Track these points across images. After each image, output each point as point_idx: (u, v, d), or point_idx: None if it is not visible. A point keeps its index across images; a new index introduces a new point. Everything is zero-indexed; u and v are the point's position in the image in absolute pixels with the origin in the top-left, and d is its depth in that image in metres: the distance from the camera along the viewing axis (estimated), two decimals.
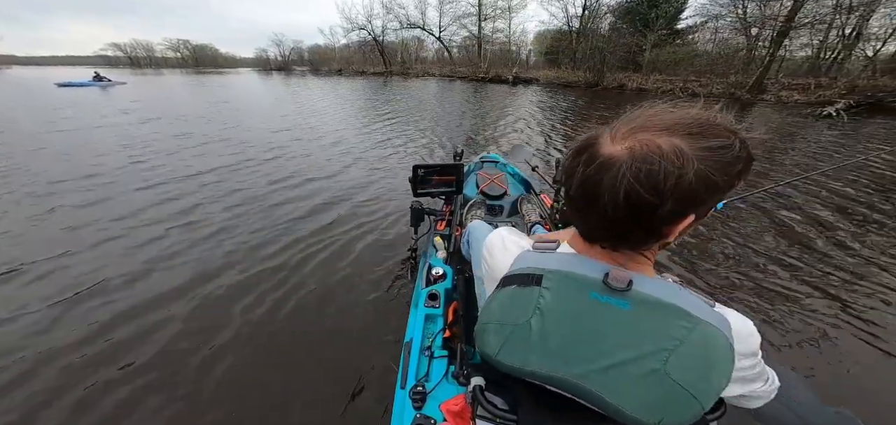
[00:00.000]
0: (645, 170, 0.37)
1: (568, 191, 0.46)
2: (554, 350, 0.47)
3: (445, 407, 0.80)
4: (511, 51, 23.91)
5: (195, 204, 2.89)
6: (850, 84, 9.92)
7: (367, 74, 25.35)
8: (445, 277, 1.23)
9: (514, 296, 0.50)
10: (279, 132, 5.87)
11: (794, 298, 1.87)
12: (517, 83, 18.61)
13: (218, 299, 1.84)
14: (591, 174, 0.41)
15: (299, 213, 2.78)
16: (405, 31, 27.38)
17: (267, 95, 12.43)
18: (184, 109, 8.33)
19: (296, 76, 24.75)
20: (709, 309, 0.43)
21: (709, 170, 0.37)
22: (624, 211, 0.39)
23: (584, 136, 0.45)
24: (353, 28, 29.13)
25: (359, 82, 18.24)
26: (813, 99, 9.99)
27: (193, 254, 2.20)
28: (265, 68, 44.03)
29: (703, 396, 0.41)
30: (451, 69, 22.84)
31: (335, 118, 7.45)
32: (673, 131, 0.38)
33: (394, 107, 9.29)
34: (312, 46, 44.01)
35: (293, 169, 3.80)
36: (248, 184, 3.36)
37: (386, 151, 4.69)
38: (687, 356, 0.41)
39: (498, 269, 0.57)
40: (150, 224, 2.53)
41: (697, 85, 13.37)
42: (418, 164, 1.68)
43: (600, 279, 0.45)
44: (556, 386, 0.48)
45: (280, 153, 4.45)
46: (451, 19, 24.92)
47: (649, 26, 16.62)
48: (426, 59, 29.13)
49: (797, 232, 2.58)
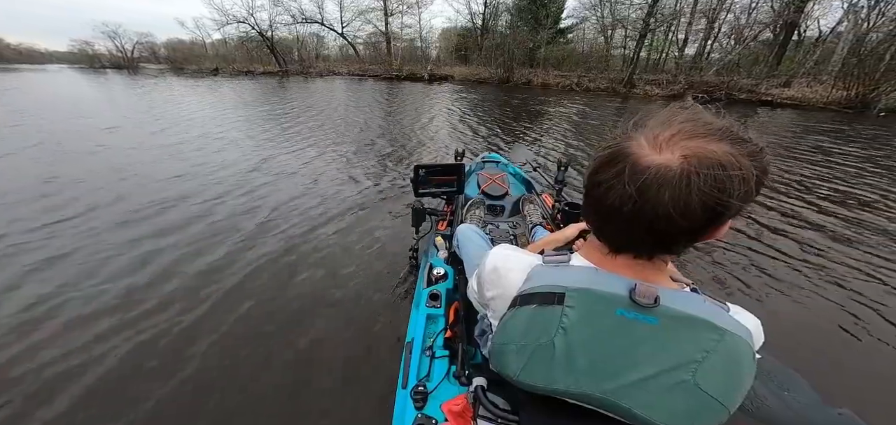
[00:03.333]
0: (713, 178, 0.37)
1: (599, 206, 0.45)
2: (581, 368, 0.47)
3: (447, 408, 0.79)
4: (421, 47, 23.88)
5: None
6: (688, 81, 13.35)
7: (255, 75, 21.81)
8: (447, 277, 1.23)
9: (534, 315, 0.49)
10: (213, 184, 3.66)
11: (793, 298, 1.96)
12: (433, 81, 18.88)
13: (219, 299, 1.86)
14: (642, 186, 0.40)
15: (297, 219, 2.80)
16: (301, 27, 24.44)
17: (103, 104, 9.07)
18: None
19: (147, 77, 18.92)
20: (730, 317, 0.45)
21: (757, 175, 0.39)
22: (686, 221, 0.39)
23: (607, 147, 0.44)
24: (229, 21, 24.49)
25: (246, 85, 15.04)
26: (667, 93, 13.13)
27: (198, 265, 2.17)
28: (92, 65, 33.13)
29: (730, 402, 0.43)
30: (360, 67, 21.57)
31: (251, 133, 5.87)
32: (720, 138, 0.39)
33: (312, 114, 7.72)
34: (171, 41, 35.33)
35: (273, 198, 3.13)
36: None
37: (325, 160, 4.58)
38: (715, 366, 0.42)
39: (509, 287, 0.56)
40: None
41: (587, 80, 15.90)
42: (419, 165, 1.70)
43: (626, 295, 0.45)
44: (581, 401, 0.49)
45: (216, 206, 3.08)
46: (354, 14, 23.33)
47: (541, 23, 18.78)
48: (329, 57, 26.68)
49: (779, 227, 2.75)
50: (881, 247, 2.52)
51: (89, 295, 1.87)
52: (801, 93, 11.45)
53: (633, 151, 0.41)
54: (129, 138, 5.17)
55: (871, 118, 8.58)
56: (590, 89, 15.23)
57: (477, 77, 18.66)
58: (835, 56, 12.31)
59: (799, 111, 10.12)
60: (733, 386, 0.43)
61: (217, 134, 5.59)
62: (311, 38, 26.59)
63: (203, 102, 9.30)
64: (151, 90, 12.20)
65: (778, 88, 12.18)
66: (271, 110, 8.15)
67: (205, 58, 29.14)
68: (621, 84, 14.89)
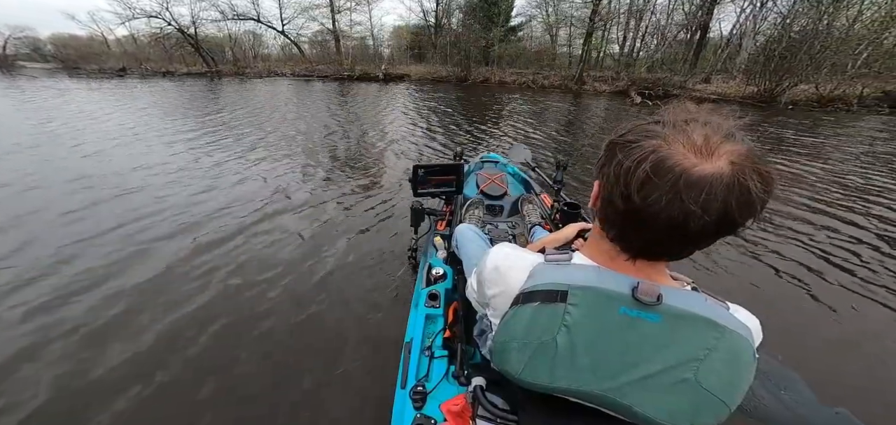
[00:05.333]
0: (762, 180, 0.38)
1: (652, 221, 0.41)
2: (583, 366, 0.47)
3: (446, 408, 0.79)
4: (373, 45, 22.85)
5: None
6: (630, 78, 14.61)
7: (177, 76, 19.05)
8: (446, 277, 1.24)
9: (537, 313, 0.49)
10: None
11: (792, 295, 1.99)
12: (389, 81, 18.23)
13: (219, 301, 1.86)
14: (705, 200, 0.37)
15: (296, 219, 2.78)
16: (231, 23, 21.78)
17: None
18: None
19: (24, 78, 15.00)
20: (731, 315, 0.45)
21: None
22: (724, 225, 0.39)
23: (640, 159, 0.40)
24: (137, 15, 20.95)
25: (167, 86, 12.99)
26: (613, 89, 14.24)
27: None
28: None
29: (732, 400, 0.44)
30: (307, 67, 19.97)
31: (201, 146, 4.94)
32: (741, 139, 0.40)
33: (263, 119, 6.98)
34: (58, 36, 29.16)
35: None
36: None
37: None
38: (716, 364, 0.43)
39: (511, 285, 0.55)
40: None
41: (542, 77, 16.62)
42: (418, 164, 1.71)
43: (628, 293, 0.45)
44: (582, 399, 0.49)
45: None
46: (296, 11, 21.43)
47: (494, 20, 19.16)
48: (271, 57, 24.22)
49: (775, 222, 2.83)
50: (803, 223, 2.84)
51: None
52: (720, 88, 13.19)
53: (679, 162, 0.39)
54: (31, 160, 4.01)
55: (780, 109, 10.17)
56: (545, 86, 15.93)
57: (435, 75, 18.48)
58: (739, 57, 14.45)
59: (721, 105, 11.61)
60: (734, 384, 0.44)
61: (164, 148, 4.49)
62: (246, 37, 23.90)
63: (121, 110, 7.73)
64: (38, 95, 9.57)
65: (702, 84, 13.90)
66: (216, 118, 7.07)
67: (107, 56, 24.53)
68: (573, 81, 15.81)
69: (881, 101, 9.74)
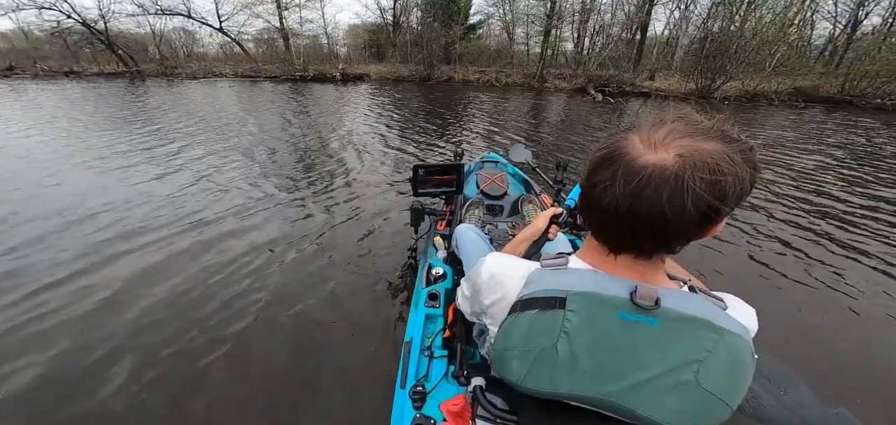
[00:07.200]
0: (709, 179, 0.38)
1: (597, 207, 0.45)
2: (584, 371, 0.47)
3: (445, 407, 0.79)
4: (328, 44, 21.38)
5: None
6: (586, 76, 15.44)
7: (84, 76, 16.18)
8: (445, 277, 1.24)
9: (536, 320, 0.49)
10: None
11: (790, 294, 2.01)
12: (347, 81, 17.26)
13: (218, 302, 1.87)
14: (638, 187, 0.40)
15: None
16: (155, 18, 18.87)
17: None
18: None
19: None
20: (728, 315, 0.45)
21: (751, 172, 0.40)
22: (683, 220, 0.40)
23: (601, 148, 0.45)
24: (23, 6, 17.19)
25: (74, 90, 10.75)
26: (572, 86, 14.93)
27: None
28: None
29: (733, 400, 0.44)
30: (252, 68, 18.09)
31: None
32: (711, 137, 0.40)
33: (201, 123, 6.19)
34: None
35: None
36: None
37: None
38: (716, 365, 0.43)
39: (508, 293, 0.55)
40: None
41: (505, 76, 16.89)
42: (418, 164, 1.73)
43: (626, 297, 0.45)
44: (583, 403, 0.50)
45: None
46: (236, 7, 19.11)
47: (454, 19, 19.06)
48: (207, 56, 21.48)
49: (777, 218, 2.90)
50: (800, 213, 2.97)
51: None
52: (664, 85, 14.49)
53: (628, 151, 0.41)
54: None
55: (716, 103, 11.43)
56: (508, 84, 16.22)
57: (396, 75, 17.87)
58: (676, 55, 16.05)
59: (666, 100, 12.80)
60: (735, 384, 0.44)
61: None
62: (176, 33, 21.00)
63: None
64: None
65: (648, 81, 15.16)
66: (154, 130, 5.74)
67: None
68: (534, 78, 16.30)
69: (795, 96, 11.42)
